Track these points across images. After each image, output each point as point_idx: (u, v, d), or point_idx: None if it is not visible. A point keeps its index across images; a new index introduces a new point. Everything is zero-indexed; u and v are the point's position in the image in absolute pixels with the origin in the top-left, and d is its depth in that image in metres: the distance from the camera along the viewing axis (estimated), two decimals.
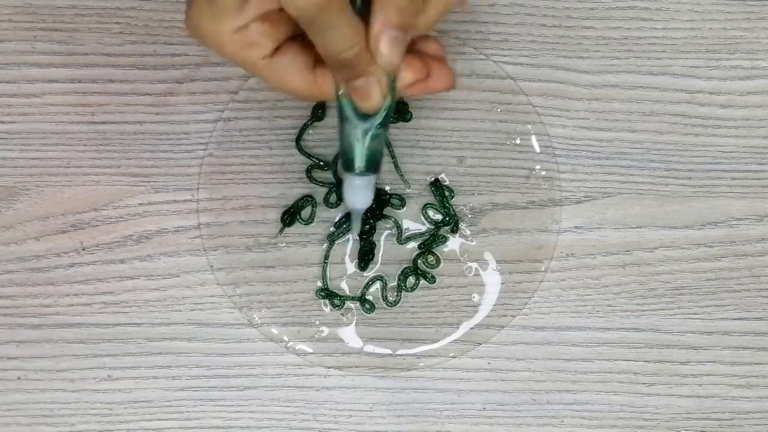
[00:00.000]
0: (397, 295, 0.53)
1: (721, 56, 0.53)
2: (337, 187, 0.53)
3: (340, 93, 0.39)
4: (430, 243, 0.53)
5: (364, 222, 0.51)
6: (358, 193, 0.43)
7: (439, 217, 0.53)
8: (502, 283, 0.53)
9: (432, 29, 0.39)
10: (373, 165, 0.41)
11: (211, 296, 0.53)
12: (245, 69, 0.38)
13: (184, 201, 0.53)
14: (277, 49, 0.38)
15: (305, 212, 0.53)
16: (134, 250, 0.53)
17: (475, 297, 0.53)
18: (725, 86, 0.53)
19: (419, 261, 0.53)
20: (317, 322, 0.53)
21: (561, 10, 0.53)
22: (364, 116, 0.39)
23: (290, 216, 0.53)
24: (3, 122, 0.53)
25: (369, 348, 0.53)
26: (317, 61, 0.39)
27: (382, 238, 0.53)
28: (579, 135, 0.53)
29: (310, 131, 0.53)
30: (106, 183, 0.53)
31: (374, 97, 0.38)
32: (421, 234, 0.53)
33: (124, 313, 0.53)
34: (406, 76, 0.39)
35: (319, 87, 0.39)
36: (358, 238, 0.53)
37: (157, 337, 0.53)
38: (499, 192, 0.53)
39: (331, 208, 0.53)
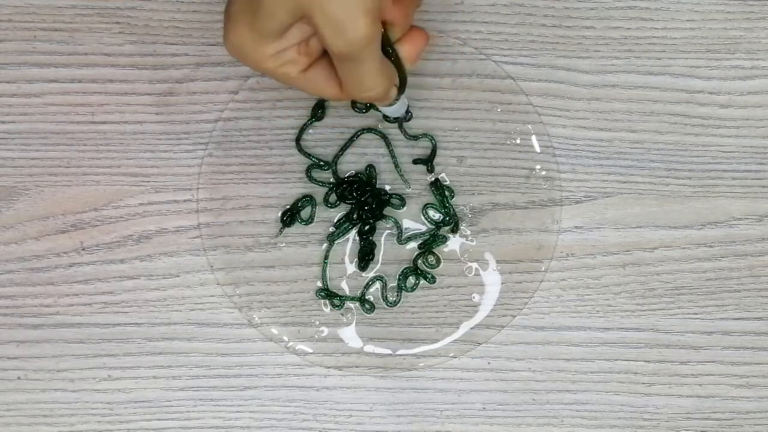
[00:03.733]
0: (397, 295, 0.53)
1: (721, 56, 0.53)
2: (337, 187, 0.53)
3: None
4: (430, 243, 0.53)
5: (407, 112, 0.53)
6: (394, 111, 0.48)
7: (439, 217, 0.53)
8: (502, 283, 0.53)
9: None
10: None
11: (211, 296, 0.53)
12: (280, 81, 0.42)
13: (184, 201, 0.53)
14: (310, 65, 0.41)
15: (305, 212, 0.53)
16: (134, 250, 0.53)
17: (475, 297, 0.53)
18: (725, 86, 0.53)
19: (419, 261, 0.53)
20: (317, 322, 0.53)
21: (561, 10, 0.53)
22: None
23: (290, 216, 0.53)
24: (3, 122, 0.53)
25: (369, 348, 0.53)
26: None
27: (382, 238, 0.53)
28: (579, 135, 0.53)
29: (310, 131, 0.53)
30: (106, 183, 0.53)
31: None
32: (421, 234, 0.53)
33: (124, 313, 0.53)
34: (411, 49, 0.43)
35: (346, 91, 0.42)
36: (358, 237, 0.53)
37: (157, 337, 0.53)
38: (499, 192, 0.53)
39: (331, 208, 0.53)
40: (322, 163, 0.53)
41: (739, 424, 0.53)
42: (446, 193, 0.53)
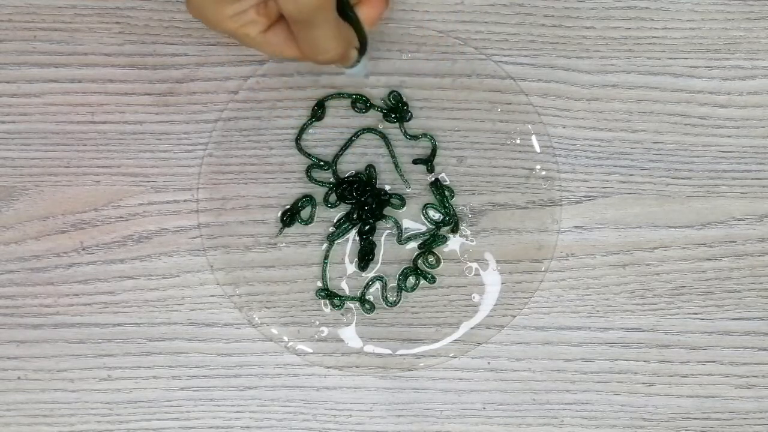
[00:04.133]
0: (397, 295, 0.53)
1: (721, 56, 0.53)
2: (337, 187, 0.53)
3: None
4: (430, 243, 0.53)
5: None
6: (355, 72, 0.47)
7: (439, 217, 0.53)
8: (502, 283, 0.53)
9: None
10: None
11: (211, 296, 0.53)
12: (241, 42, 0.42)
13: (184, 201, 0.53)
14: (269, 26, 0.42)
15: (305, 212, 0.53)
16: (134, 250, 0.53)
17: (475, 297, 0.53)
18: (725, 86, 0.53)
19: (419, 261, 0.53)
20: (317, 322, 0.53)
21: (561, 10, 0.53)
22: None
23: (290, 216, 0.53)
24: (3, 122, 0.53)
25: (369, 348, 0.53)
26: None
27: (382, 238, 0.53)
28: (579, 135, 0.53)
29: (310, 131, 0.53)
30: (106, 183, 0.53)
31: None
32: (421, 234, 0.53)
33: (124, 313, 0.53)
34: (370, 12, 0.43)
35: (303, 54, 0.43)
36: (358, 237, 0.53)
37: (157, 337, 0.53)
38: (499, 192, 0.53)
39: (331, 208, 0.53)
40: (322, 163, 0.53)
41: (739, 424, 0.53)
42: (446, 193, 0.53)
